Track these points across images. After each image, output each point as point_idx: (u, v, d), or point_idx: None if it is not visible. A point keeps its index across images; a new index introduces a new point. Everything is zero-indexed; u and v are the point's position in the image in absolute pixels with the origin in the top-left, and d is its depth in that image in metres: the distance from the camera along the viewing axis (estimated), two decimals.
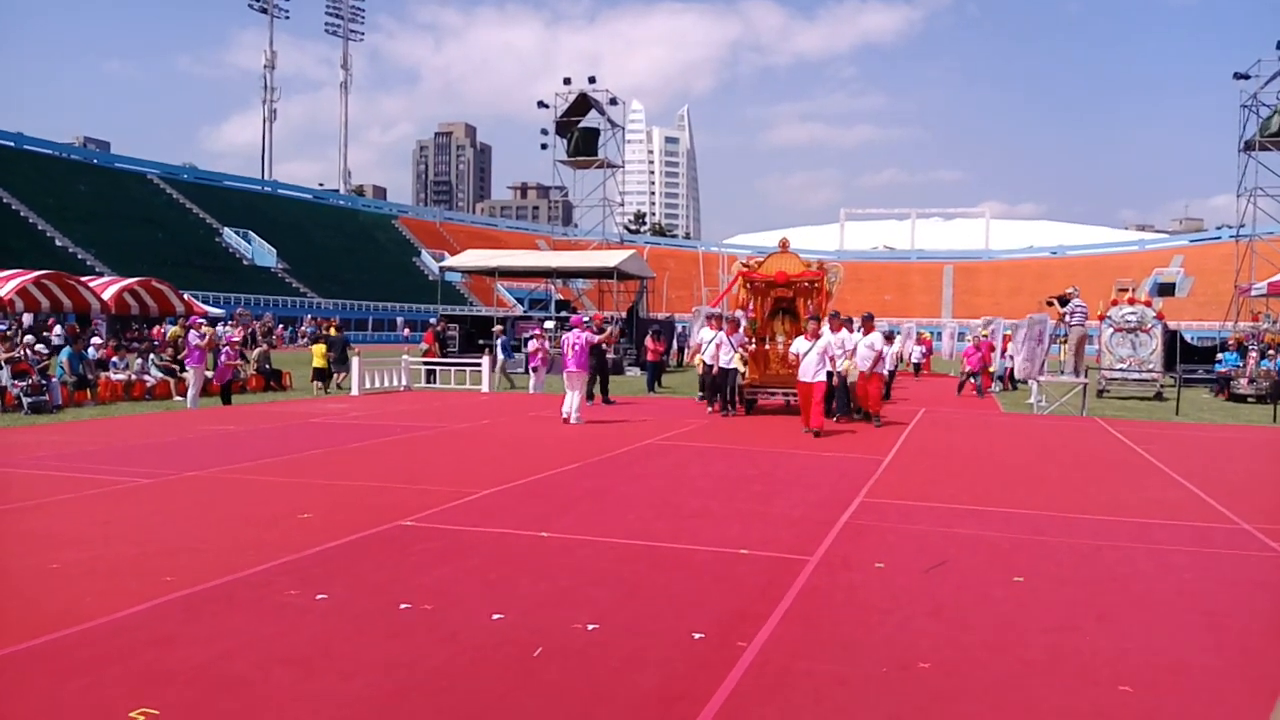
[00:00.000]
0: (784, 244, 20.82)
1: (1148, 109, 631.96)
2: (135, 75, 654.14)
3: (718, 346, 19.62)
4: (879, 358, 18.40)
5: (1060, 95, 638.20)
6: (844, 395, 18.80)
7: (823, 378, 16.44)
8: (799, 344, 16.79)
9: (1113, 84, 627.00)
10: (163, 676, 4.98)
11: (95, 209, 77.62)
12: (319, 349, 27.72)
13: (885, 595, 6.78)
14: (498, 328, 34.57)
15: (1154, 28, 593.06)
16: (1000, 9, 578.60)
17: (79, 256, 68.93)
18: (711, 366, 19.77)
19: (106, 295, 35.51)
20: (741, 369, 19.60)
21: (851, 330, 19.07)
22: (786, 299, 20.81)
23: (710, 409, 20.24)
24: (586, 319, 19.66)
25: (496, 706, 4.69)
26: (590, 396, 20.86)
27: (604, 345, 21.20)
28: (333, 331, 32.24)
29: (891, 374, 20.56)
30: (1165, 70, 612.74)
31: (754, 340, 20.36)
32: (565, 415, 17.70)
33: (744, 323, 20.44)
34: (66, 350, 22.38)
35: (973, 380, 28.98)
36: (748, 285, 20.65)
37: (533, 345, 26.10)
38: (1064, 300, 27.81)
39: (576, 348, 18.12)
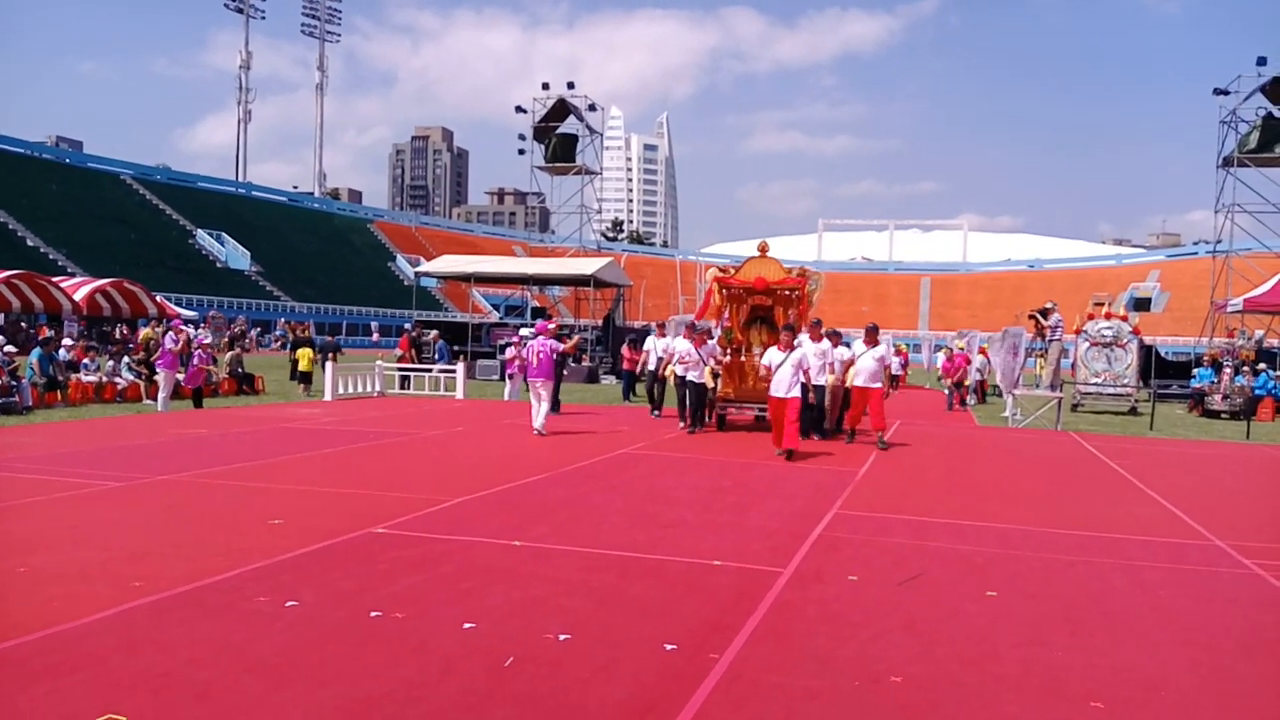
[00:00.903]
0: (763, 248, 19.57)
1: (1127, 123, 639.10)
2: (109, 75, 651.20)
3: (684, 363, 18.47)
4: (884, 371, 16.89)
5: (1039, 108, 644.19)
6: (820, 412, 17.72)
7: (796, 393, 14.89)
8: (771, 355, 15.42)
9: (1092, 97, 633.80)
10: (129, 683, 4.93)
11: (67, 209, 77.07)
12: (305, 353, 28.49)
13: (858, 608, 6.77)
14: (434, 334, 34.01)
15: (1134, 42, 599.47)
16: (981, 21, 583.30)
17: (50, 257, 68.39)
18: (682, 378, 18.53)
19: (78, 296, 35.35)
20: (712, 383, 18.35)
21: (836, 342, 17.72)
22: (765, 307, 19.32)
23: (681, 425, 18.86)
24: (550, 326, 18.81)
25: (466, 716, 4.66)
26: (555, 406, 20.41)
27: (565, 354, 20.09)
28: (306, 334, 32.31)
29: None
30: (1145, 85, 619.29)
31: (728, 351, 19.11)
32: (536, 428, 17.17)
33: (717, 332, 19.39)
34: (36, 351, 22.18)
35: (957, 391, 29.14)
36: (723, 292, 19.28)
37: (510, 352, 26.05)
38: (1045, 314, 28.00)
39: (541, 355, 17.43)
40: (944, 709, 4.97)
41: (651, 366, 21.30)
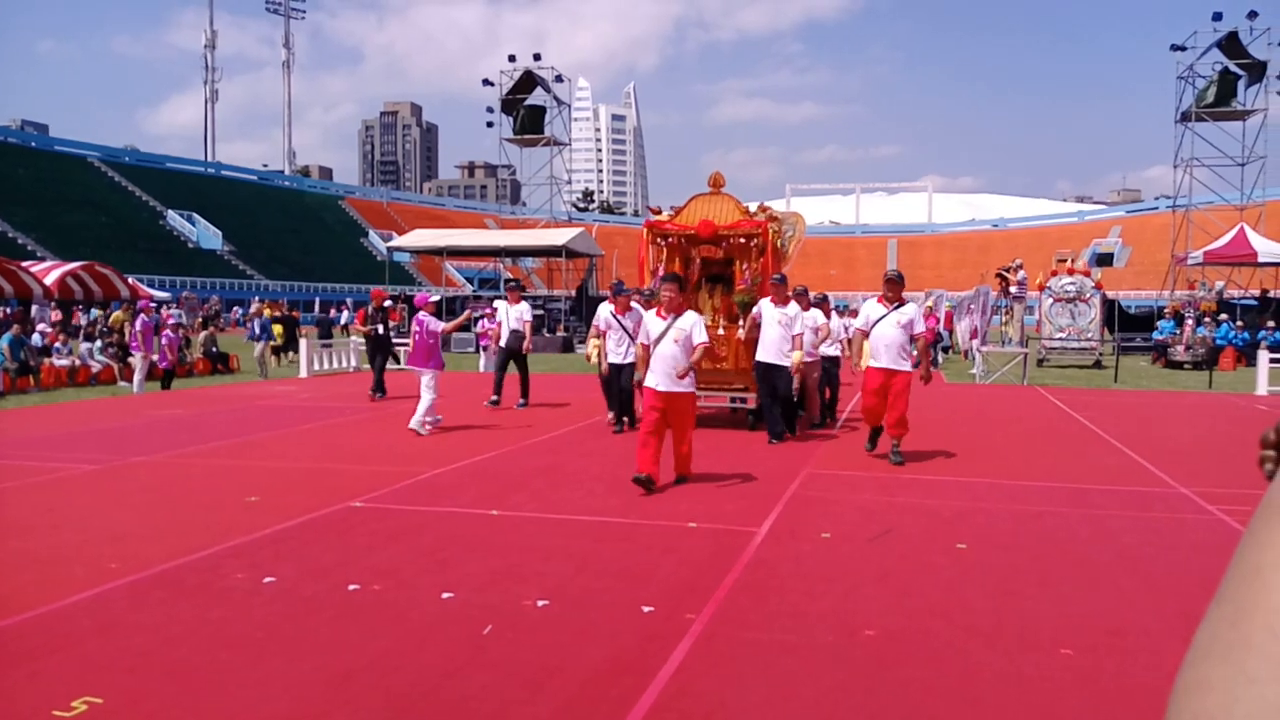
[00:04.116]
0: (716, 181, 14.51)
1: (1084, 82, 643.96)
2: (71, 56, 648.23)
3: (603, 335, 13.86)
4: (919, 343, 11.79)
5: (998, 69, 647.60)
6: (790, 405, 13.24)
7: (685, 385, 9.69)
8: (649, 324, 10.04)
9: (1050, 57, 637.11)
10: (106, 664, 4.94)
11: (35, 193, 76.22)
12: (276, 328, 29.86)
13: (831, 565, 6.86)
14: (260, 303, 31.75)
15: (1090, 1, 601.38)
16: None
17: (19, 241, 67.75)
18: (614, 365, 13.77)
19: (49, 280, 35.02)
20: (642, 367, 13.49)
21: (806, 305, 13.56)
22: (718, 261, 14.64)
23: (609, 419, 14.17)
24: (435, 298, 14.63)
25: (445, 684, 4.70)
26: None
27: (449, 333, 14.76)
28: (268, 312, 32.97)
29: (835, 360, 14.82)
30: (1101, 43, 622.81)
31: None
32: (412, 425, 13.37)
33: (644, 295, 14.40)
34: (7, 336, 22.01)
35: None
36: (658, 241, 14.44)
37: (482, 325, 26.12)
38: (1012, 272, 28.24)
39: (417, 337, 13.76)
40: (917, 660, 5.05)
41: (504, 342, 16.96)
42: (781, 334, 12.54)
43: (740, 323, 13.41)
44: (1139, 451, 12.04)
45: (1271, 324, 31.37)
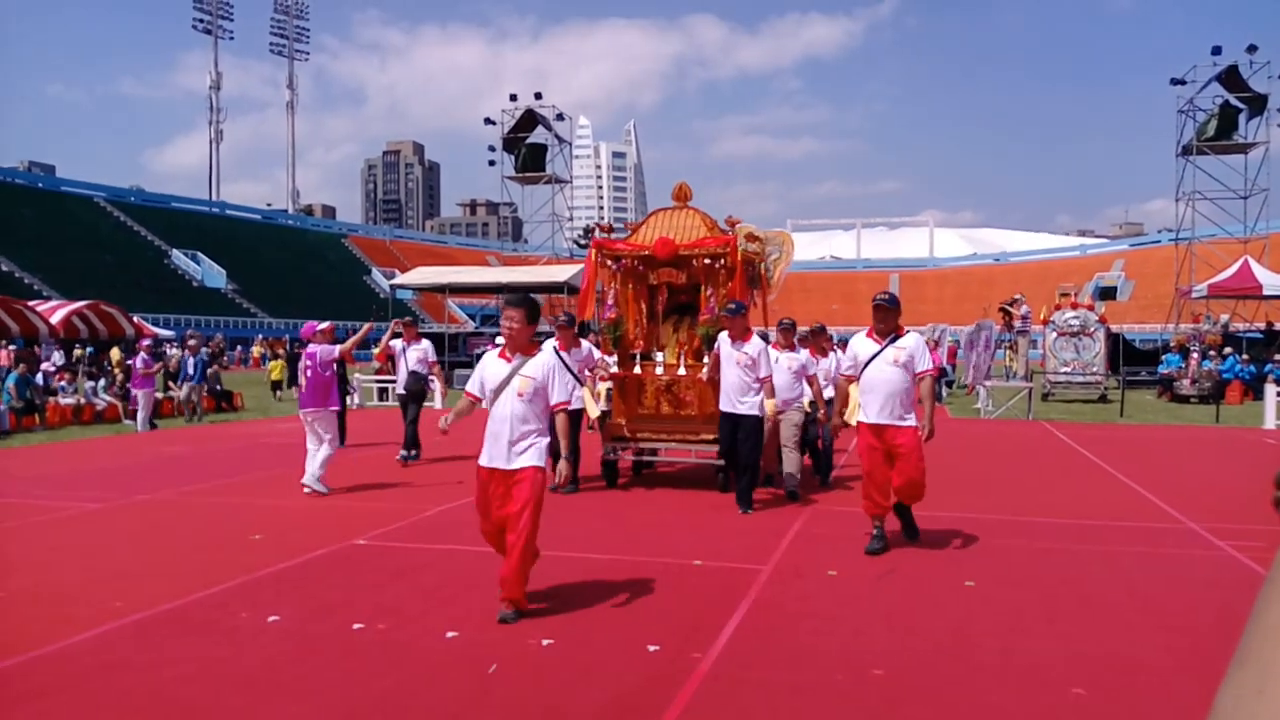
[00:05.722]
0: (681, 194, 12.32)
1: (1084, 117, 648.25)
2: (78, 98, 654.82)
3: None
4: (925, 385, 8.86)
5: (997, 105, 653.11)
6: (753, 468, 10.43)
7: (531, 459, 6.51)
8: (485, 368, 6.87)
9: (1049, 92, 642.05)
10: (111, 703, 4.91)
11: (42, 233, 76.48)
12: (275, 364, 31.45)
13: (838, 603, 6.81)
14: (193, 340, 27.44)
15: (1089, 37, 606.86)
16: (937, 21, 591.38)
17: (26, 281, 67.90)
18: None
19: (55, 319, 35.01)
20: (594, 409, 11.57)
21: (790, 342, 11.45)
22: (681, 288, 12.34)
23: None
24: (323, 325, 12.63)
25: None
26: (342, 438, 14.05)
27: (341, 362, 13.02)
28: (258, 350, 34.18)
29: (830, 403, 10.96)
30: (1101, 79, 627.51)
31: (618, 357, 11.97)
32: (305, 483, 11.54)
33: (594, 328, 13.12)
34: (13, 375, 22.01)
35: None
36: (609, 264, 12.12)
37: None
38: (1015, 306, 28.27)
39: (309, 372, 11.84)
40: (926, 700, 5.00)
41: (401, 386, 15.20)
42: (741, 376, 10.14)
43: (705, 359, 11.32)
44: (1147, 486, 11.98)
45: (1278, 357, 31.31)
